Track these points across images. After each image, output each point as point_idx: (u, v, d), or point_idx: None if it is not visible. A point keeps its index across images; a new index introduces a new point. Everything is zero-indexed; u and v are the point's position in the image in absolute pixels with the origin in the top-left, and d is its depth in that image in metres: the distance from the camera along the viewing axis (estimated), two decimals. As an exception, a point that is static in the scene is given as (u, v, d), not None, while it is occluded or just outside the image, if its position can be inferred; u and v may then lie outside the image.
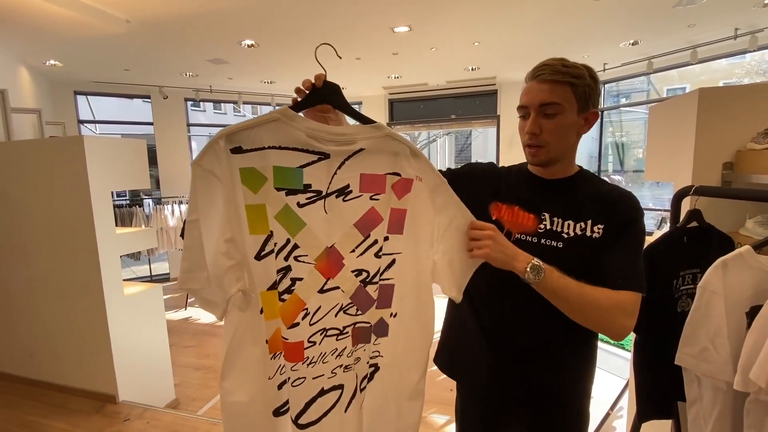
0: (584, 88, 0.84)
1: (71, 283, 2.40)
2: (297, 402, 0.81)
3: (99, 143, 2.33)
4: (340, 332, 0.83)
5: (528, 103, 0.86)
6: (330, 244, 0.80)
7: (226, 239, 0.73)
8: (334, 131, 0.77)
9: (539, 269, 0.80)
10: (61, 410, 2.36)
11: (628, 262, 0.84)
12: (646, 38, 3.97)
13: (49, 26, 3.17)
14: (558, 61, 0.85)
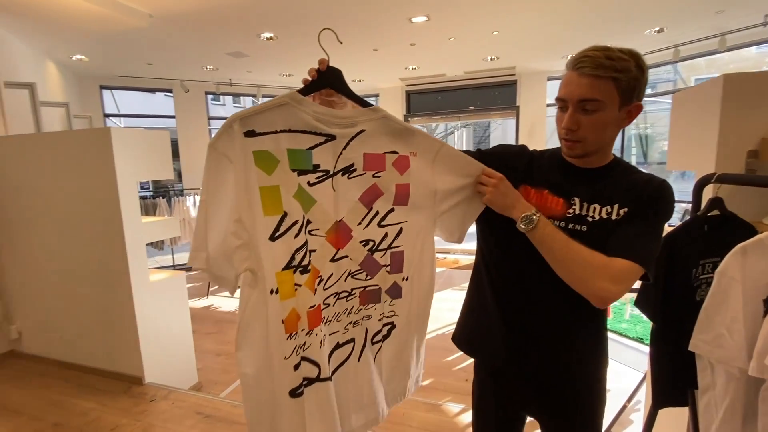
0: (629, 81, 0.79)
1: (100, 269, 2.51)
2: (322, 358, 0.86)
3: (125, 134, 2.41)
4: (348, 294, 0.93)
5: (566, 96, 0.82)
6: (339, 218, 0.87)
7: (235, 220, 0.76)
8: (338, 114, 0.84)
9: (530, 219, 0.83)
10: (90, 390, 2.48)
11: (632, 235, 0.82)
12: (671, 25, 3.84)
13: (75, 21, 3.28)
14: (601, 52, 0.78)
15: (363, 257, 0.91)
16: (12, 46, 3.54)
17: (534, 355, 0.95)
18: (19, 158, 2.64)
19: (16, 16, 3.13)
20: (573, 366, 0.95)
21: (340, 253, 0.88)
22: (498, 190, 0.88)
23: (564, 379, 0.96)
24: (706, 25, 3.81)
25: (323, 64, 0.84)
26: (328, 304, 0.90)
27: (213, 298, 4.78)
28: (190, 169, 6.00)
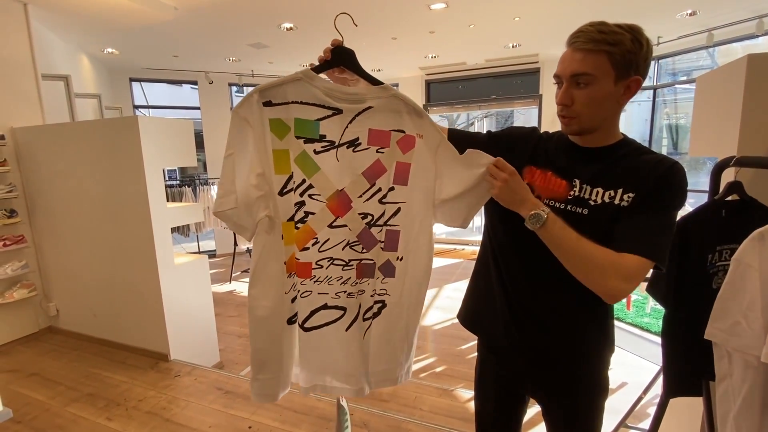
0: (623, 54, 0.77)
1: (129, 251, 2.64)
2: (304, 310, 0.98)
3: (151, 123, 2.52)
4: (345, 264, 0.99)
5: (560, 73, 0.84)
6: (341, 187, 0.94)
7: (257, 174, 0.89)
8: (348, 91, 0.91)
9: (539, 217, 0.82)
10: (120, 365, 2.64)
11: (643, 227, 0.80)
12: (705, 8, 3.65)
13: (105, 15, 3.41)
14: (595, 27, 0.79)
15: (360, 229, 0.97)
16: (49, 41, 3.73)
17: (537, 337, 0.96)
18: (56, 146, 2.80)
19: (52, 11, 3.29)
20: (576, 349, 0.95)
21: (339, 221, 0.96)
22: (507, 185, 0.86)
23: (566, 360, 0.96)
24: (742, 7, 3.60)
25: (336, 43, 0.91)
26: (321, 265, 0.97)
27: (235, 283, 4.95)
28: (214, 159, 6.16)
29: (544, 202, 0.91)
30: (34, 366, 2.65)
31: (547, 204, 0.91)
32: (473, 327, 1.09)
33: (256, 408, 2.13)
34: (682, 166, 0.83)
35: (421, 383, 2.61)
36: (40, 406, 2.20)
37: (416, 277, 1.00)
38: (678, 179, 0.82)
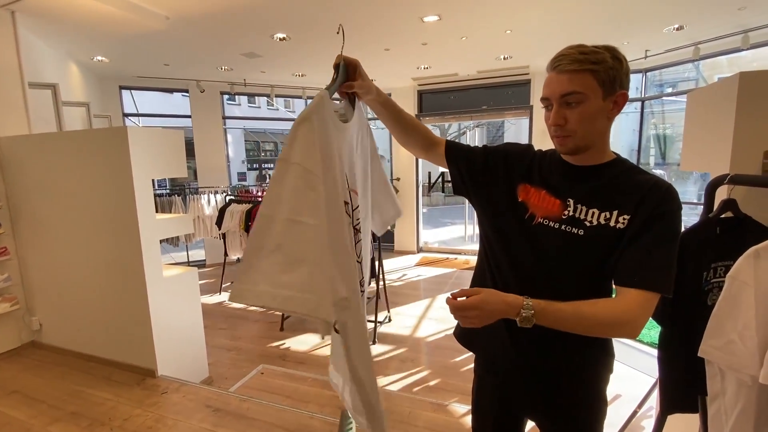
0: (607, 72, 0.80)
1: (116, 264, 2.58)
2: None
3: (141, 133, 2.48)
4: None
5: (549, 95, 0.85)
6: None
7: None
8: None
9: (527, 319, 0.78)
10: (105, 382, 2.56)
11: (647, 258, 0.80)
12: (691, 22, 3.74)
13: (96, 24, 3.37)
14: (575, 49, 0.82)
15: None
16: (37, 48, 3.67)
17: (536, 357, 0.94)
18: (42, 156, 2.74)
19: (41, 19, 3.24)
20: (575, 370, 0.94)
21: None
22: (484, 313, 0.80)
23: (566, 382, 0.95)
24: (728, 22, 3.69)
25: (337, 60, 0.98)
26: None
27: (225, 294, 4.86)
28: (205, 167, 6.10)
29: (538, 221, 0.91)
30: (15, 383, 2.56)
31: (542, 223, 0.90)
32: (471, 345, 1.07)
33: (246, 427, 2.07)
34: (675, 189, 0.84)
35: (415, 398, 2.57)
36: (21, 426, 2.12)
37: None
38: (676, 205, 0.83)
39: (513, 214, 0.94)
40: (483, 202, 1.01)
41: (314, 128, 0.75)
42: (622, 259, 0.82)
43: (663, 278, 0.79)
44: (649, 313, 0.79)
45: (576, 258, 0.86)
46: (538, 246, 0.90)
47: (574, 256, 0.86)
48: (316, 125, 0.76)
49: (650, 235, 0.81)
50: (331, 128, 0.86)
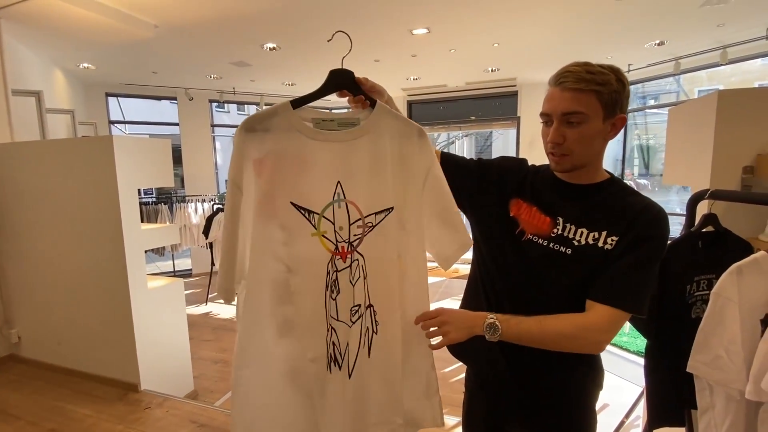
0: (610, 94, 0.80)
1: (99, 276, 2.52)
2: None
3: (127, 143, 2.44)
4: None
5: (550, 111, 0.84)
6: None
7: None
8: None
9: (494, 327, 0.82)
10: (86, 397, 2.48)
11: (623, 277, 0.81)
12: (672, 38, 3.86)
13: (83, 32, 3.34)
14: (582, 67, 0.80)
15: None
16: (20, 55, 3.61)
17: (526, 371, 0.94)
18: (24, 164, 2.68)
19: (26, 25, 3.19)
20: (565, 384, 0.94)
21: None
22: (453, 324, 0.83)
23: (555, 398, 0.95)
24: (707, 38, 3.83)
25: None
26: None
27: (212, 304, 4.79)
28: (193, 175, 6.04)
29: (528, 237, 0.91)
30: (-10, 399, 2.47)
31: (531, 239, 0.91)
32: (463, 357, 1.07)
33: (232, 442, 2.02)
34: (666, 215, 0.84)
35: (405, 410, 2.54)
36: (-5, 446, 2.04)
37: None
38: (663, 231, 0.83)
39: (504, 228, 0.94)
40: (476, 215, 1.02)
41: (244, 137, 0.81)
42: (605, 278, 0.82)
43: (634, 298, 0.80)
44: (615, 330, 0.80)
45: (563, 276, 0.87)
46: (527, 261, 0.90)
47: (561, 274, 0.87)
48: (251, 134, 0.81)
49: (632, 256, 0.81)
50: (295, 136, 0.83)
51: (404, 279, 0.91)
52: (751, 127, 1.26)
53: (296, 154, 0.83)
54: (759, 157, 1.27)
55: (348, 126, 0.86)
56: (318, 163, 0.84)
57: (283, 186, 0.82)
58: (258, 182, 0.81)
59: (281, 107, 0.82)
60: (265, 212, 0.82)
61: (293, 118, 0.83)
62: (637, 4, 3.02)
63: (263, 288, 0.83)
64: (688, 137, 1.49)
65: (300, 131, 0.83)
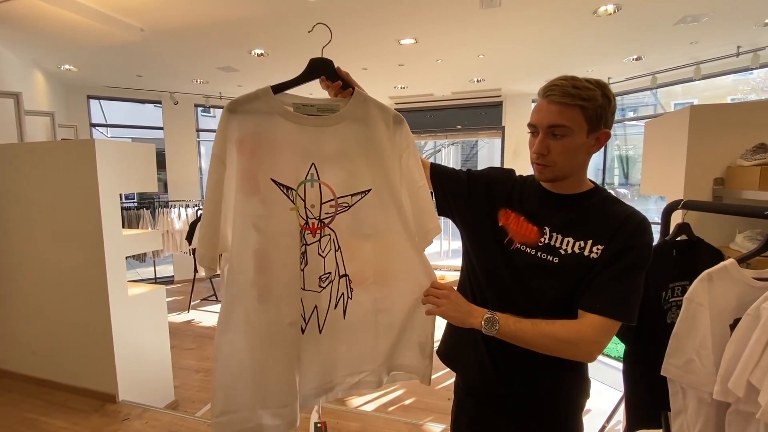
0: (595, 109, 0.81)
1: (76, 282, 2.45)
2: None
3: (109, 147, 2.40)
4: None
5: (537, 122, 0.86)
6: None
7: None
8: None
9: (493, 321, 0.84)
10: (61, 408, 2.40)
11: (613, 286, 0.82)
12: (649, 54, 4.01)
13: (66, 33, 3.28)
14: (569, 82, 0.82)
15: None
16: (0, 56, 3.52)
17: (514, 379, 0.95)
18: (1, 168, 2.60)
19: (6, 26, 3.12)
20: (553, 392, 0.95)
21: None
22: (451, 302, 0.89)
23: (543, 405, 0.96)
24: (682, 55, 3.99)
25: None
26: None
27: (194, 312, 4.69)
28: (176, 180, 5.94)
29: (516, 246, 0.93)
30: (-43, 412, 2.36)
31: (519, 249, 0.93)
32: (452, 364, 1.08)
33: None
34: (649, 223, 0.87)
35: (390, 417, 2.54)
36: (-39, 461, 1.95)
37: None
38: (648, 239, 0.85)
39: (493, 237, 0.96)
40: (466, 225, 1.03)
41: (228, 118, 0.86)
42: (593, 286, 0.84)
43: (625, 307, 0.82)
44: (607, 339, 0.82)
45: (551, 284, 0.88)
46: (515, 270, 0.92)
47: (549, 283, 0.88)
48: (233, 115, 0.86)
49: (619, 265, 0.82)
50: (275, 119, 0.88)
51: (385, 253, 1.00)
52: (722, 141, 1.33)
53: (275, 136, 0.89)
54: (729, 169, 1.33)
55: (327, 111, 0.93)
56: (294, 144, 0.90)
57: (263, 164, 0.88)
58: (240, 160, 0.87)
59: (262, 92, 0.88)
60: (247, 188, 0.88)
61: (273, 102, 0.89)
62: (616, 21, 3.14)
63: (246, 259, 0.89)
64: (664, 149, 1.55)
65: (280, 114, 0.89)
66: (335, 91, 0.96)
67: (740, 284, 0.97)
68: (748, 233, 1.26)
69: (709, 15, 3.03)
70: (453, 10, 2.94)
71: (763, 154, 1.24)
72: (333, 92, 0.97)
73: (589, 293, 0.83)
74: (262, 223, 0.89)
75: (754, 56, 3.60)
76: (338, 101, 0.95)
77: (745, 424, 0.90)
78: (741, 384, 0.84)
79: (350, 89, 0.95)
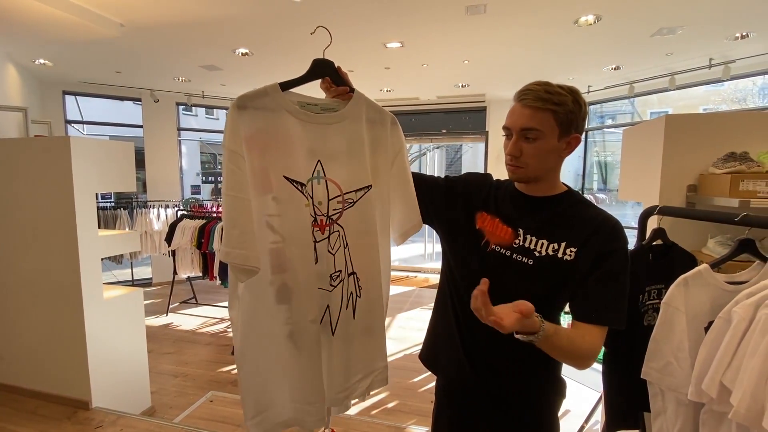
0: (566, 114, 0.85)
1: (48, 284, 2.36)
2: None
3: (86, 144, 2.33)
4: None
5: (510, 125, 0.89)
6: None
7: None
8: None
9: (535, 324, 0.79)
10: (30, 416, 2.30)
11: (606, 295, 0.85)
12: (626, 64, 4.14)
13: (41, 27, 3.17)
14: (542, 87, 0.85)
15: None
16: (-33, 47, 3.37)
17: (492, 381, 0.97)
18: (-33, 165, 2.49)
19: (-25, 16, 3.00)
20: (529, 393, 0.97)
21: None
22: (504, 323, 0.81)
23: (520, 405, 0.98)
24: (658, 65, 4.13)
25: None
26: None
27: (173, 315, 4.58)
28: (156, 180, 5.80)
29: (492, 248, 0.94)
30: None
31: (495, 250, 0.94)
32: (433, 367, 1.09)
33: (191, 460, 1.93)
34: (622, 225, 0.89)
35: (373, 421, 2.53)
36: None
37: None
38: (624, 241, 0.88)
39: (471, 240, 0.97)
40: (444, 229, 1.05)
41: (238, 114, 0.84)
42: (581, 296, 0.86)
43: (618, 315, 0.85)
44: (600, 347, 0.85)
45: (526, 286, 0.90)
46: (492, 272, 0.93)
47: (525, 285, 0.90)
48: (243, 111, 0.85)
49: (600, 272, 0.85)
50: (284, 116, 0.88)
51: (378, 250, 1.00)
52: (695, 149, 1.38)
53: (284, 132, 0.89)
54: (701, 176, 1.38)
55: (329, 111, 0.94)
56: (302, 141, 0.90)
57: (275, 161, 0.88)
58: (250, 158, 0.85)
59: (271, 88, 0.88)
60: (260, 186, 0.87)
61: (282, 99, 0.89)
62: (596, 31, 3.23)
63: (262, 258, 0.87)
64: (640, 156, 1.60)
65: (288, 111, 0.89)
66: (335, 94, 0.98)
67: (713, 288, 1.01)
68: (719, 238, 1.31)
69: (683, 28, 3.14)
70: (439, 15, 2.97)
71: (733, 163, 1.29)
72: (332, 94, 0.98)
73: (577, 303, 0.85)
74: (276, 222, 0.89)
75: (725, 68, 3.76)
76: (338, 102, 0.97)
77: (718, 423, 0.93)
78: (714, 385, 0.86)
79: (349, 91, 0.97)
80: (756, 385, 0.78)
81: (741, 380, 0.82)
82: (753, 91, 5.47)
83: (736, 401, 0.81)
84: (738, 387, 0.82)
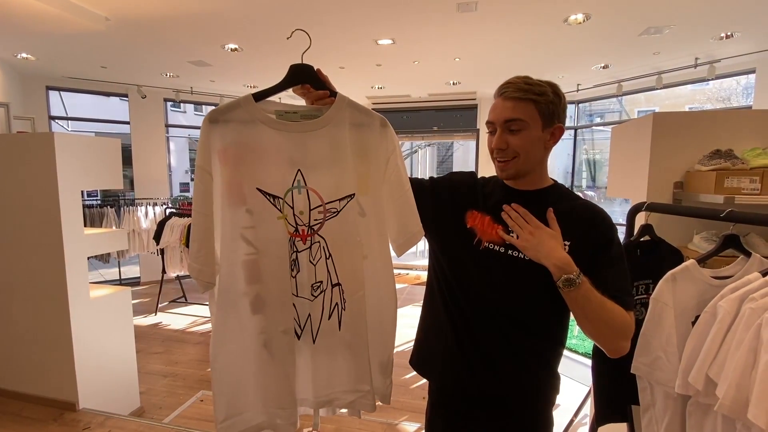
0: (547, 104, 0.87)
1: (33, 284, 2.31)
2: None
3: (70, 141, 2.28)
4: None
5: (494, 119, 0.90)
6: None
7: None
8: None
9: (572, 282, 0.81)
10: (15, 419, 2.26)
11: (624, 280, 0.88)
12: (615, 63, 4.19)
13: (23, 19, 3.09)
14: (521, 79, 0.88)
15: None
16: (-54, 40, 3.27)
17: (489, 380, 0.96)
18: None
19: (-47, 8, 2.91)
20: (525, 390, 0.96)
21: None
22: (534, 241, 0.86)
23: (516, 402, 0.97)
24: (645, 65, 4.19)
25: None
26: None
27: (162, 314, 4.52)
28: (143, 177, 5.71)
29: (485, 245, 0.94)
30: None
31: (488, 248, 0.94)
32: (425, 372, 1.07)
33: (181, 460, 1.91)
34: (606, 213, 0.92)
35: (364, 418, 2.53)
36: None
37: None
38: (612, 225, 0.91)
39: (462, 240, 0.97)
40: (434, 231, 1.03)
41: (209, 128, 0.85)
42: (610, 283, 0.85)
43: (633, 299, 0.88)
44: (632, 334, 0.86)
45: (520, 282, 0.90)
46: (486, 270, 0.93)
47: (519, 280, 0.90)
48: (214, 125, 0.85)
49: (615, 259, 0.87)
50: (258, 127, 0.87)
51: (367, 261, 0.96)
52: (682, 147, 1.40)
53: (258, 144, 0.87)
54: (688, 173, 1.40)
55: (310, 118, 0.91)
56: (279, 151, 0.89)
57: (248, 174, 0.87)
58: (223, 171, 0.86)
59: (243, 100, 0.87)
60: (233, 199, 0.87)
61: (254, 110, 0.87)
62: (585, 30, 3.26)
63: (235, 270, 0.89)
64: (628, 154, 1.62)
65: (262, 122, 0.87)
66: (314, 99, 0.93)
67: (700, 283, 1.02)
68: (704, 234, 1.33)
69: (670, 27, 3.19)
70: (430, 12, 2.97)
71: (719, 160, 1.32)
72: (311, 100, 0.94)
73: (615, 291, 0.84)
74: (250, 234, 0.89)
75: (710, 68, 3.83)
76: (320, 108, 0.92)
77: (704, 416, 0.95)
78: (700, 378, 0.88)
79: (330, 95, 0.92)
80: (741, 377, 0.80)
81: (726, 373, 0.83)
82: (737, 91, 5.59)
83: (721, 393, 0.82)
84: (723, 380, 0.83)
